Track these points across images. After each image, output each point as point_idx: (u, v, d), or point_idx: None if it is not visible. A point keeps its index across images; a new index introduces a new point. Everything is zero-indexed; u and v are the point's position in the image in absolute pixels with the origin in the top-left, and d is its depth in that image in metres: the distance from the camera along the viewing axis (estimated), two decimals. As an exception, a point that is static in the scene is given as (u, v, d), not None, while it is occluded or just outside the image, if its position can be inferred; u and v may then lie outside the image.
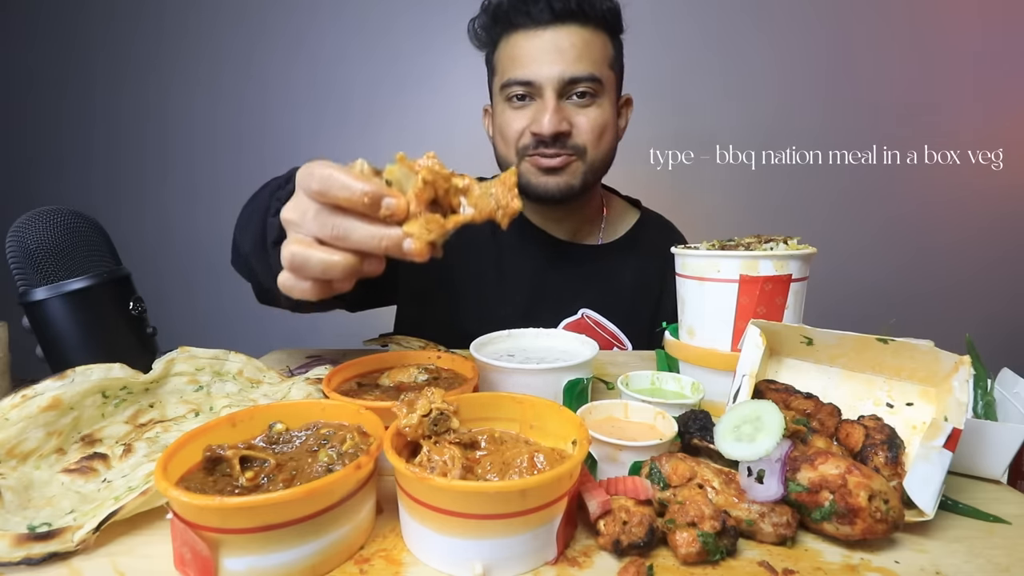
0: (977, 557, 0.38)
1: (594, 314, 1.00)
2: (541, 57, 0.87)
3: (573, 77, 0.87)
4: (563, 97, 0.89)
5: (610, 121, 0.93)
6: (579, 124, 0.90)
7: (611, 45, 0.93)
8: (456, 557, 0.35)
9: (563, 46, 0.87)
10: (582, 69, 0.87)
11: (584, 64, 0.87)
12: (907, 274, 2.25)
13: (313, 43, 2.25)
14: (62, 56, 2.31)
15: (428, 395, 0.42)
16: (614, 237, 1.08)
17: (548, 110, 0.87)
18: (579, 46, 0.87)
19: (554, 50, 0.87)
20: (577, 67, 0.87)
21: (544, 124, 0.87)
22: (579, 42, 0.87)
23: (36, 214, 0.55)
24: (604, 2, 0.89)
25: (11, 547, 0.36)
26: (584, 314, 1.00)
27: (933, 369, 0.47)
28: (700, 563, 0.36)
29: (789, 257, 0.57)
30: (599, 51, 0.90)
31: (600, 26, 0.90)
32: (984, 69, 2.12)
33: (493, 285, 1.02)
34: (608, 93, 0.92)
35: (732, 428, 0.42)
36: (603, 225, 1.08)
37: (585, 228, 1.06)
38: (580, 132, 0.90)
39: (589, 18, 0.88)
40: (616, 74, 0.95)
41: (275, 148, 2.34)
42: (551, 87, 0.87)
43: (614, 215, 1.11)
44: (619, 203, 1.14)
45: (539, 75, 0.87)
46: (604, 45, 0.91)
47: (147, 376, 0.55)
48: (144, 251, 2.34)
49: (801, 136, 2.19)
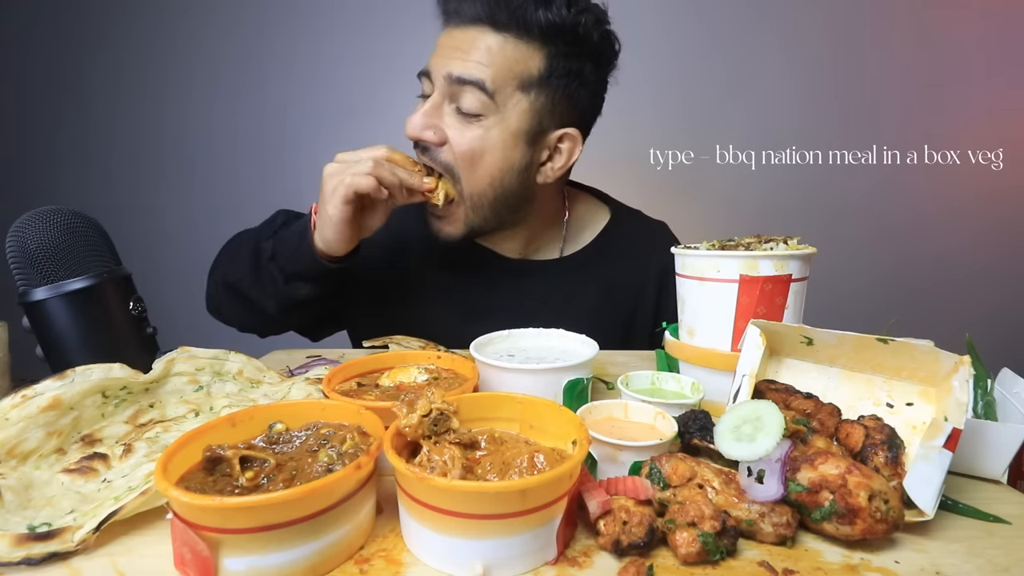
0: (977, 557, 0.38)
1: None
2: (442, 52, 0.79)
3: (460, 77, 0.76)
4: (450, 101, 0.79)
5: (496, 147, 0.79)
6: (453, 139, 0.79)
7: (539, 63, 0.78)
8: (456, 557, 0.35)
9: (465, 46, 0.77)
10: (471, 72, 0.76)
11: (476, 68, 0.76)
12: (907, 274, 2.25)
13: (313, 43, 2.25)
14: (61, 56, 2.31)
15: (428, 395, 0.42)
16: (580, 245, 0.97)
17: (420, 109, 0.79)
18: (480, 49, 0.76)
19: (455, 47, 0.77)
20: (467, 68, 0.76)
21: (409, 124, 0.79)
22: (483, 47, 0.76)
23: (36, 214, 0.55)
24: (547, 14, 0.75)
25: (11, 547, 0.36)
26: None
27: (933, 369, 0.47)
28: (700, 563, 0.36)
29: (789, 257, 0.57)
30: (506, 63, 0.76)
31: (524, 38, 0.77)
32: (985, 69, 2.12)
33: (440, 317, 0.93)
34: (506, 116, 0.78)
35: (732, 428, 0.42)
36: (565, 233, 0.97)
37: (540, 241, 0.96)
38: (449, 149, 0.79)
39: (504, 25, 0.76)
40: (533, 101, 0.79)
41: (275, 148, 2.34)
42: (439, 84, 0.78)
43: (579, 219, 0.99)
44: (586, 204, 1.02)
45: (435, 68, 0.79)
46: (522, 60, 0.77)
47: (147, 376, 0.55)
48: (144, 251, 2.33)
49: (801, 136, 2.19)
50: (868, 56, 2.14)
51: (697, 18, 2.15)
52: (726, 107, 2.19)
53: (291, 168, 2.35)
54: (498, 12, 0.76)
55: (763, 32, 2.14)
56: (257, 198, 2.37)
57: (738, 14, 2.13)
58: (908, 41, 2.12)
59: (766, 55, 2.16)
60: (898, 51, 2.12)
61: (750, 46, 2.15)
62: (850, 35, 2.13)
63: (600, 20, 0.81)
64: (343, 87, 2.27)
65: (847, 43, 2.13)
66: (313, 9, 2.22)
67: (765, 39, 2.15)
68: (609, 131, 2.36)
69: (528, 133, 0.81)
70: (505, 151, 0.80)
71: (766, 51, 2.15)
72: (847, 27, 2.12)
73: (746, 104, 2.18)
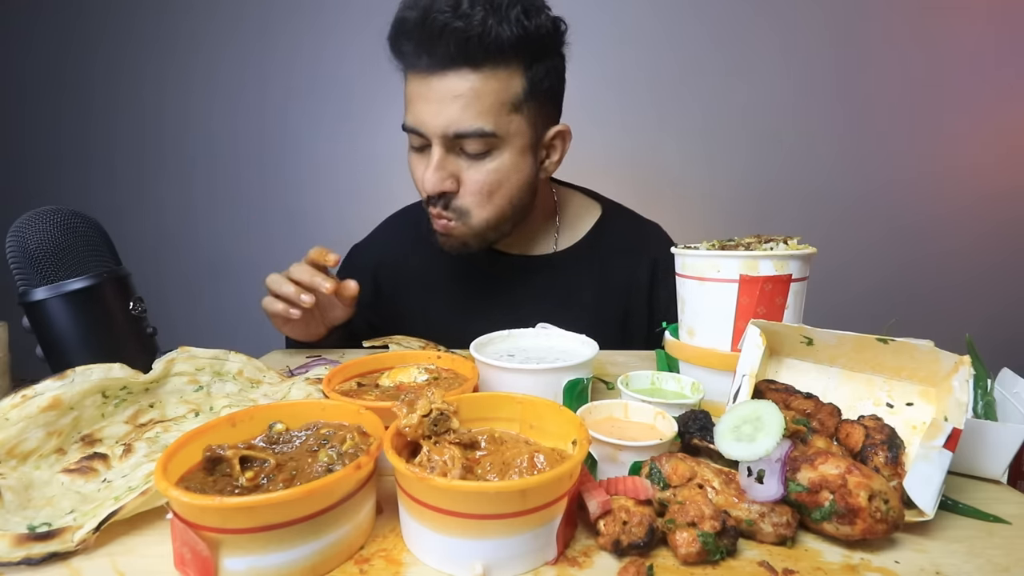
0: (977, 557, 0.38)
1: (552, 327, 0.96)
2: (426, 108, 0.77)
3: (458, 132, 0.76)
4: (453, 151, 0.80)
5: (510, 172, 0.82)
6: (467, 181, 0.81)
7: (521, 80, 0.78)
8: (456, 557, 0.35)
9: (447, 96, 0.75)
10: (468, 123, 0.76)
11: (471, 117, 0.76)
12: (907, 274, 2.25)
13: (313, 43, 2.25)
14: (61, 56, 2.31)
15: (428, 395, 0.42)
16: (573, 241, 1.00)
17: (431, 166, 0.79)
18: (467, 96, 0.75)
19: (439, 100, 0.76)
20: (463, 121, 0.76)
21: (424, 183, 0.80)
22: (467, 91, 0.75)
23: (36, 214, 0.55)
24: (511, 28, 0.74)
25: (11, 547, 0.36)
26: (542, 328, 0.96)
27: (933, 369, 0.47)
28: (700, 563, 0.36)
29: (789, 257, 0.57)
30: (495, 96, 0.76)
31: (501, 63, 0.76)
32: (986, 70, 2.12)
33: (443, 311, 0.97)
34: (511, 141, 0.80)
35: (732, 428, 0.42)
36: (558, 230, 1.00)
37: (536, 238, 0.99)
38: (465, 192, 0.81)
39: (481, 60, 0.74)
40: (527, 115, 0.80)
41: (275, 148, 2.34)
42: (437, 141, 0.78)
43: (571, 217, 1.02)
44: (577, 202, 1.05)
45: (426, 126, 0.78)
46: (505, 86, 0.77)
47: (147, 376, 0.55)
48: (144, 251, 2.34)
49: (802, 136, 2.19)
50: (869, 56, 2.14)
51: (699, 17, 2.14)
52: (727, 107, 2.19)
53: (291, 168, 2.35)
54: (471, 49, 0.73)
55: (765, 33, 2.14)
56: (257, 198, 2.38)
57: (742, 13, 2.13)
58: (910, 42, 2.12)
59: (768, 55, 2.15)
60: (900, 52, 2.12)
61: (751, 46, 2.15)
62: (852, 36, 2.12)
63: (544, 9, 0.79)
64: (343, 87, 2.26)
65: (849, 44, 2.13)
66: (314, 9, 2.22)
67: (767, 40, 2.14)
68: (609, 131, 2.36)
69: (530, 144, 0.84)
70: (518, 171, 0.83)
71: (768, 51, 2.15)
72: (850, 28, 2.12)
73: (747, 104, 2.18)
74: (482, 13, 0.72)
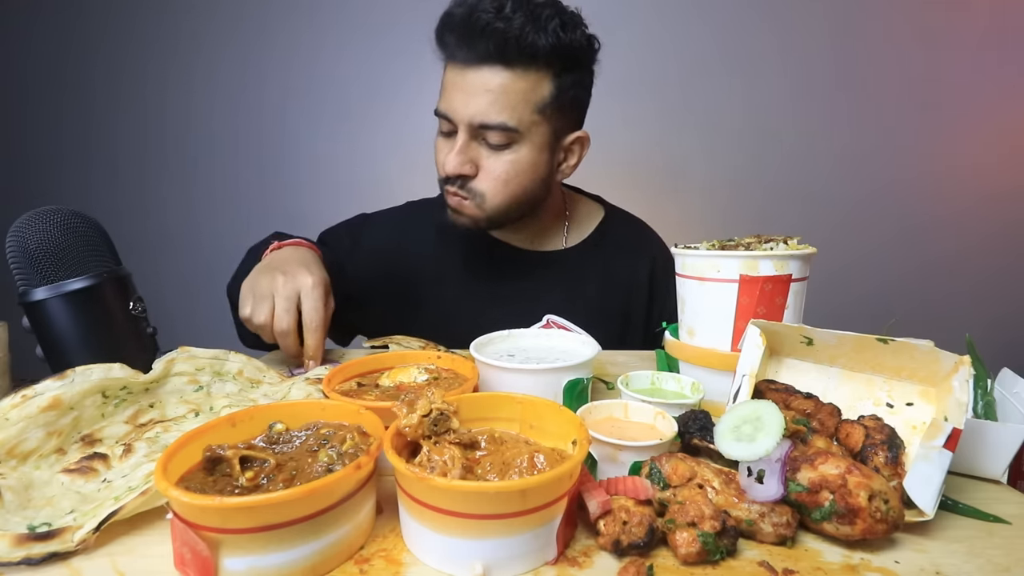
0: (977, 557, 0.38)
1: (560, 320, 0.99)
2: (458, 96, 0.83)
3: (483, 123, 0.82)
4: (476, 139, 0.85)
5: (526, 167, 0.87)
6: (486, 168, 0.86)
7: (549, 85, 0.83)
8: (456, 557, 0.35)
9: (479, 89, 0.81)
10: (493, 116, 0.81)
11: (497, 111, 0.81)
12: (907, 275, 2.25)
13: (312, 43, 2.25)
14: (61, 56, 2.31)
15: (428, 395, 0.42)
16: (580, 239, 1.06)
17: (454, 150, 0.84)
18: (496, 91, 0.80)
19: (471, 91, 0.81)
20: (489, 114, 0.81)
21: (445, 163, 0.85)
22: (497, 87, 0.80)
23: (36, 214, 0.55)
24: (546, 38, 0.79)
25: (11, 547, 0.36)
26: (550, 320, 0.99)
27: (933, 369, 0.47)
28: (700, 563, 0.36)
29: (789, 257, 0.57)
30: (522, 95, 0.82)
31: (532, 67, 0.81)
32: (988, 68, 2.12)
33: (453, 301, 1.01)
34: (531, 138, 0.85)
35: (732, 428, 0.42)
36: (567, 228, 1.06)
37: (546, 234, 1.04)
38: (484, 177, 0.86)
39: (515, 60, 0.80)
40: (550, 117, 0.86)
41: (274, 147, 2.34)
42: (463, 127, 0.84)
43: (579, 216, 1.08)
44: (584, 203, 1.12)
45: (456, 113, 0.83)
46: (533, 88, 0.82)
47: (147, 376, 0.55)
48: (144, 251, 2.34)
49: (803, 137, 2.19)
50: (870, 57, 2.14)
51: (702, 17, 2.14)
52: (728, 108, 2.19)
53: (291, 168, 2.35)
54: (507, 49, 0.79)
55: (766, 33, 2.14)
56: (257, 198, 2.38)
57: (744, 14, 2.13)
58: (911, 42, 2.11)
59: (769, 55, 2.16)
60: (901, 52, 2.12)
61: (753, 47, 2.15)
62: (853, 36, 2.12)
63: (580, 26, 0.85)
64: (343, 87, 2.27)
65: (850, 44, 2.13)
66: (314, 9, 2.22)
67: (768, 40, 2.14)
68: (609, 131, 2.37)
69: (549, 145, 0.89)
70: (534, 168, 0.88)
71: (769, 51, 2.15)
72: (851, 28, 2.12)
73: (749, 105, 2.18)
74: (522, 19, 0.78)
